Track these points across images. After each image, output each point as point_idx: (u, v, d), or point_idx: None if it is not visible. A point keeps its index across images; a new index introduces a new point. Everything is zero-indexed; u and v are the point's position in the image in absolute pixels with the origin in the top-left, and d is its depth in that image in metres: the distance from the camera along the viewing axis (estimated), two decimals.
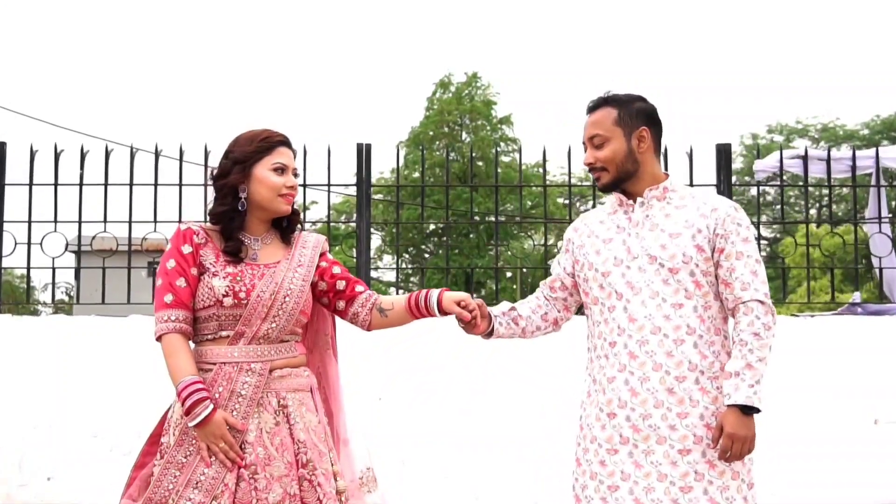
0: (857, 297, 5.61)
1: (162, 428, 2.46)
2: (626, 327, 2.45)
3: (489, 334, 2.64)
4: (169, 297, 2.39)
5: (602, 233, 2.57)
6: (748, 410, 2.33)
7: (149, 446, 2.46)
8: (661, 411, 2.39)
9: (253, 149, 2.46)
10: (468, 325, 2.57)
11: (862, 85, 44.90)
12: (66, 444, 4.74)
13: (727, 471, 2.37)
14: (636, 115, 2.54)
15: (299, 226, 2.60)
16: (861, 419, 4.80)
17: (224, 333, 2.41)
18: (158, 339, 2.40)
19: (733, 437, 2.32)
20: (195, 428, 2.31)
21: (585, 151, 2.58)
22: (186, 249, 2.43)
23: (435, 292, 2.53)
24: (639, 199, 2.53)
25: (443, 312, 2.52)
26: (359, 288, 2.57)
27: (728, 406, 2.34)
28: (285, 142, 2.51)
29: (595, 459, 2.46)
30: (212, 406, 2.31)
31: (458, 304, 2.51)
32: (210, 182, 2.55)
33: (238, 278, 2.42)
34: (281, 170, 2.47)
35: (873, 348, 4.85)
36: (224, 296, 2.39)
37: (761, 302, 2.39)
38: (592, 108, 2.58)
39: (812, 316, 5.10)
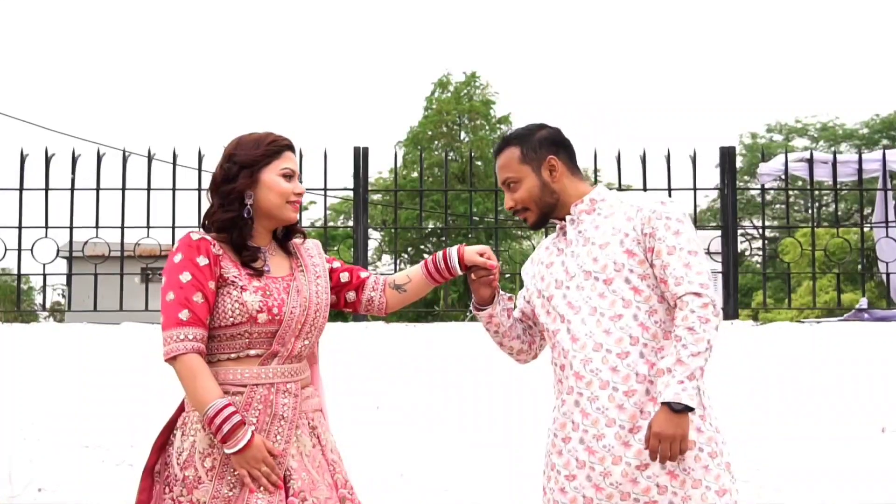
0: (863, 302, 5.53)
1: (156, 459, 2.31)
2: (569, 349, 2.39)
3: (483, 308, 2.56)
4: (185, 314, 2.19)
5: (545, 258, 2.55)
6: (679, 408, 2.24)
7: (144, 481, 2.30)
8: (613, 430, 2.33)
9: (261, 153, 2.31)
10: (480, 280, 2.50)
11: (861, 84, 44.91)
12: (57, 455, 4.65)
13: (687, 479, 2.30)
14: (539, 146, 2.50)
15: (299, 234, 2.47)
16: (868, 427, 4.72)
17: (253, 352, 2.26)
18: (171, 359, 2.19)
19: (660, 437, 2.24)
20: (234, 454, 2.16)
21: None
22: (203, 261, 2.23)
23: (453, 249, 2.48)
24: (568, 218, 2.50)
25: (464, 268, 2.47)
26: (363, 274, 2.50)
27: (661, 404, 2.26)
28: (291, 146, 2.39)
29: (556, 487, 2.41)
30: (251, 430, 2.18)
31: (481, 255, 2.47)
32: (208, 188, 2.39)
33: (267, 292, 2.27)
34: (289, 176, 2.34)
35: (880, 355, 4.77)
36: (258, 312, 2.24)
37: (697, 294, 2.28)
38: (497, 152, 2.54)
39: (818, 322, 5.03)
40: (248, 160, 2.31)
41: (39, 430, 4.67)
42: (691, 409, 2.25)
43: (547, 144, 2.50)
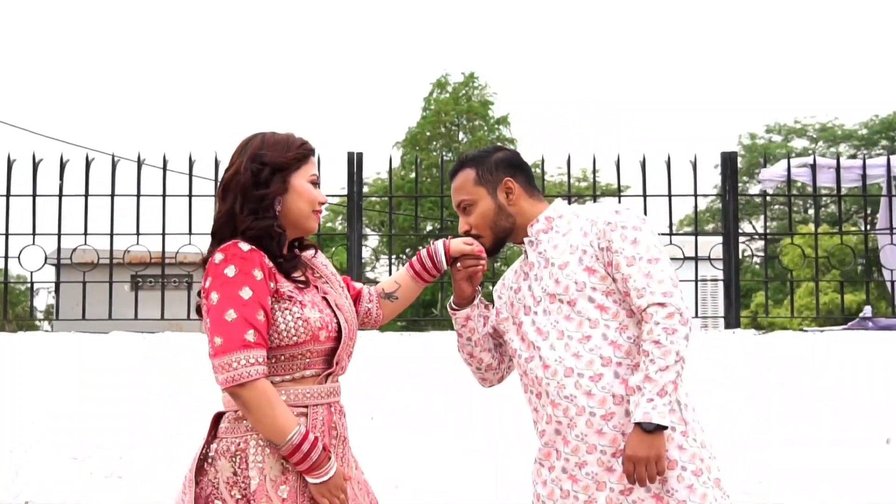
0: (867, 310, 5.45)
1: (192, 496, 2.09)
2: (542, 376, 2.31)
3: (459, 308, 2.48)
4: (251, 335, 2.00)
5: (513, 283, 2.47)
6: (651, 428, 2.15)
7: None
8: (595, 456, 2.25)
9: (292, 156, 2.15)
10: (466, 270, 2.41)
11: (860, 85, 44.87)
12: (45, 468, 4.56)
13: (671, 501, 2.21)
14: (495, 168, 2.42)
15: (311, 247, 2.34)
16: (873, 438, 4.65)
17: (309, 372, 2.12)
18: (238, 386, 1.99)
19: (633, 460, 2.16)
20: (320, 484, 2.05)
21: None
22: (259, 275, 2.04)
23: (439, 242, 2.39)
24: (526, 240, 2.42)
25: (450, 261, 2.38)
26: (357, 285, 2.41)
27: (633, 425, 2.18)
28: (314, 151, 2.25)
29: None
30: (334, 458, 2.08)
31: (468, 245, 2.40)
32: (224, 190, 2.16)
33: (321, 308, 2.13)
34: (315, 183, 2.20)
35: (884, 365, 4.70)
36: (319, 329, 2.09)
37: (661, 304, 2.19)
38: (452, 174, 2.47)
39: (821, 331, 4.95)
40: (280, 163, 2.14)
41: (27, 441, 4.59)
42: (664, 428, 2.17)
43: (504, 167, 2.43)
